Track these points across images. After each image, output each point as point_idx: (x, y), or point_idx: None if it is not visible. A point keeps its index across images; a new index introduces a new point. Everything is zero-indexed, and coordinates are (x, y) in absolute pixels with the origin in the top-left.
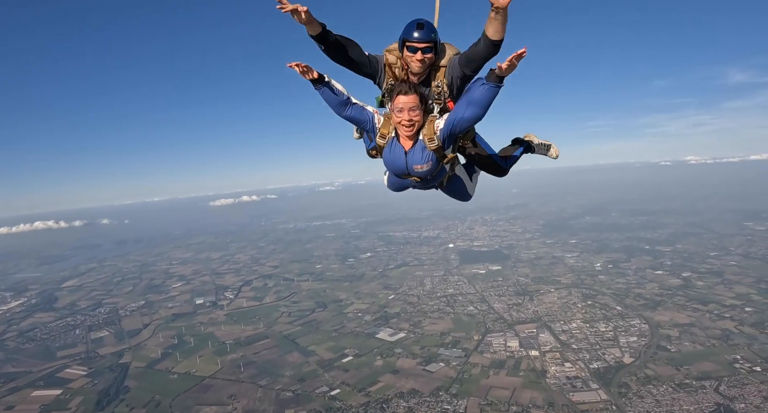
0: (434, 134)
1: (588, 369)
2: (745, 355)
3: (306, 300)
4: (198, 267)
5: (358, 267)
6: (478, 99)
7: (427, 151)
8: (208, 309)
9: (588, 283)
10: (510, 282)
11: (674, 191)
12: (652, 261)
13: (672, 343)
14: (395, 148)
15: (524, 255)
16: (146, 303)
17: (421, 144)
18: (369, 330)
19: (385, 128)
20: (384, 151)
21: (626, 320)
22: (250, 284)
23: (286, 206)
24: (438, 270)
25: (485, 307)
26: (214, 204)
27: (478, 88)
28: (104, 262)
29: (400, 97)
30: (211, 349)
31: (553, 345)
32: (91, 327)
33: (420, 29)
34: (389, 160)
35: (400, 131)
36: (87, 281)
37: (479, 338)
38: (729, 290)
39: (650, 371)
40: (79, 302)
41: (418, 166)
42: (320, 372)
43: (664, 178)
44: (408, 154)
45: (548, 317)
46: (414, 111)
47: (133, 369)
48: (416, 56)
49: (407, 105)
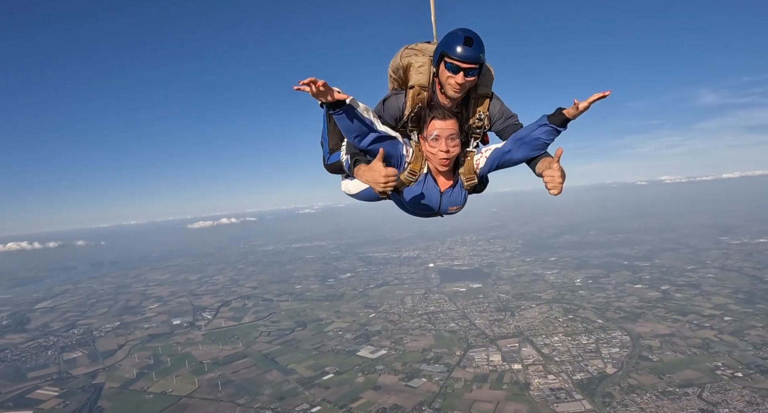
0: (474, 172)
1: (571, 380)
2: (726, 362)
3: (285, 320)
4: (175, 288)
5: (338, 287)
6: (533, 141)
7: (464, 190)
8: (185, 330)
9: (569, 298)
10: (491, 299)
11: (650, 209)
12: (631, 276)
13: (654, 353)
14: (428, 186)
15: (504, 273)
16: (122, 324)
17: (460, 183)
18: (350, 347)
19: (416, 163)
20: (410, 189)
21: (607, 332)
22: (228, 304)
23: (265, 229)
24: (419, 289)
25: (467, 323)
26: (192, 226)
27: (538, 128)
28: (79, 284)
29: (435, 123)
30: (189, 369)
31: (536, 358)
32: (64, 348)
33: (468, 45)
34: (416, 200)
35: (434, 165)
36: (61, 302)
37: (461, 353)
38: (707, 301)
39: (633, 380)
40: (51, 323)
41: (454, 208)
42: (300, 390)
43: (640, 197)
44: (444, 195)
45: (530, 331)
46: (452, 140)
47: (107, 390)
48: (457, 78)
49: (445, 132)
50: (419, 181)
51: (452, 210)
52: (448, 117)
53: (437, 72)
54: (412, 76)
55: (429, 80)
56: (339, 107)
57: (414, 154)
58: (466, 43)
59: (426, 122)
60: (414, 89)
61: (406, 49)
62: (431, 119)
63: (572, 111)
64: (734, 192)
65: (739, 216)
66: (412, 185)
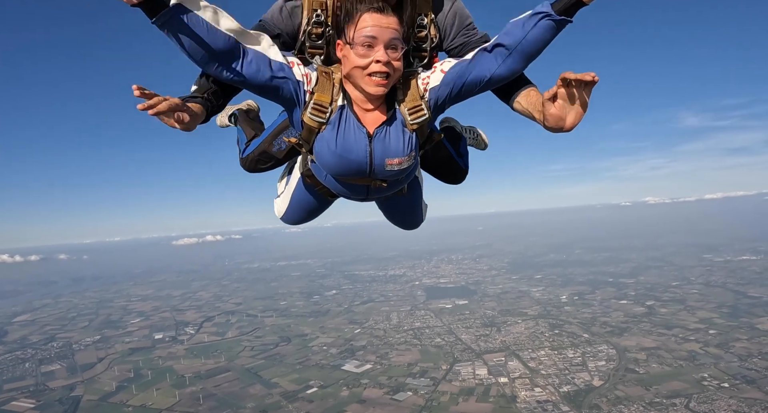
0: (421, 98)
1: (558, 392)
2: (712, 373)
3: (270, 335)
4: (158, 303)
5: (324, 304)
6: (532, 45)
7: (408, 132)
8: (167, 344)
9: (554, 314)
10: (477, 315)
11: (635, 229)
12: (616, 292)
13: (640, 366)
14: (349, 127)
15: (490, 290)
16: (102, 337)
17: (400, 118)
18: (334, 362)
19: (323, 92)
20: (322, 139)
21: (594, 346)
22: (212, 320)
23: (250, 246)
24: (404, 306)
25: (452, 339)
26: (177, 243)
27: (535, 25)
28: (59, 298)
29: (369, 18)
30: (170, 382)
31: (522, 371)
32: (42, 360)
33: None
34: (334, 154)
35: (364, 87)
36: (40, 316)
37: (447, 367)
38: (692, 315)
39: (620, 392)
40: (30, 336)
41: (395, 161)
42: (284, 403)
43: (624, 217)
44: (375, 139)
45: (516, 346)
46: (394, 50)
47: (85, 402)
48: None
49: (385, 33)
50: (332, 121)
51: (393, 165)
52: (388, 11)
53: None
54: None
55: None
56: (158, 11)
57: (318, 79)
58: None
59: (352, 20)
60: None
61: None
62: (361, 14)
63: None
64: (717, 212)
65: (722, 235)
66: (323, 130)
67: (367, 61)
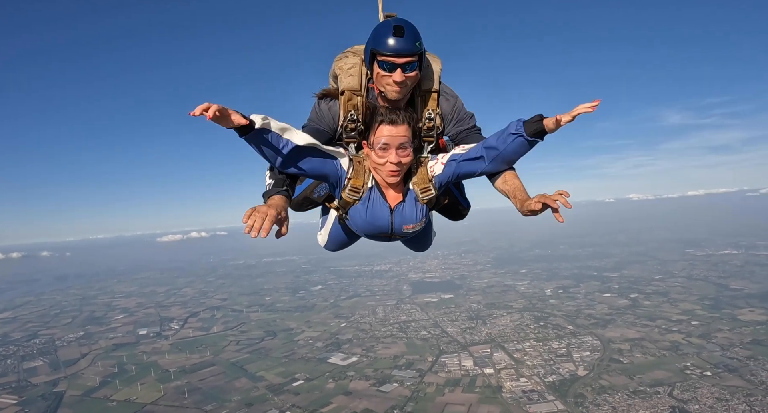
0: (429, 181)
1: (543, 382)
2: (695, 362)
3: (255, 330)
4: (142, 300)
5: (309, 299)
6: (509, 155)
7: (420, 204)
8: (151, 339)
9: (539, 307)
10: (463, 309)
11: (619, 225)
12: (600, 286)
13: (624, 356)
14: (375, 203)
15: (476, 284)
16: (86, 334)
17: (412, 196)
18: (320, 355)
19: (357, 178)
20: (355, 209)
21: (578, 337)
22: (197, 315)
23: (236, 243)
24: (390, 300)
25: (438, 331)
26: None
27: (513, 141)
28: (42, 296)
29: (384, 129)
30: (154, 377)
31: (508, 362)
32: (24, 357)
33: (398, 36)
34: (364, 222)
35: (382, 179)
36: (22, 313)
37: (433, 359)
38: (675, 307)
39: (604, 381)
40: (12, 333)
41: (410, 226)
42: (269, 396)
43: (608, 213)
44: (395, 212)
45: (501, 338)
46: (404, 149)
47: (68, 398)
48: (394, 76)
49: (396, 140)
50: (363, 199)
51: (408, 229)
52: (400, 122)
53: (372, 74)
54: (341, 80)
55: (361, 83)
56: (247, 132)
57: (354, 169)
58: (397, 33)
59: (373, 128)
60: (345, 95)
61: (342, 53)
62: (379, 124)
63: (551, 125)
64: (699, 208)
65: (704, 231)
66: (356, 204)
67: (383, 161)
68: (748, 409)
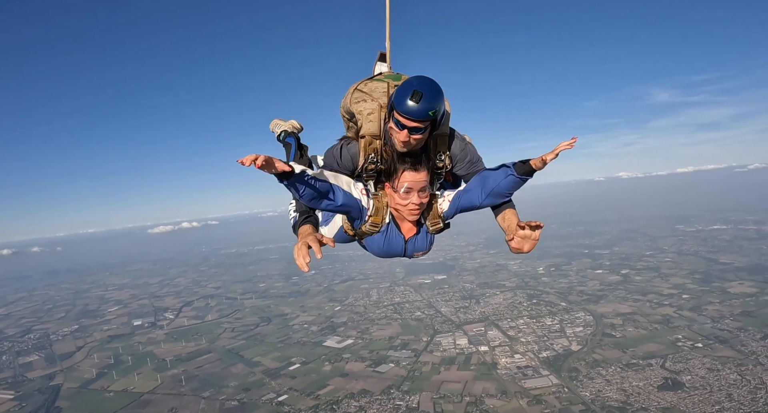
0: (438, 217)
1: (538, 358)
2: (686, 335)
3: (250, 316)
4: (135, 292)
5: (303, 284)
6: (502, 191)
7: (430, 235)
8: (146, 330)
9: (532, 285)
10: (456, 289)
11: (609, 203)
12: (591, 263)
13: (616, 330)
14: (391, 235)
15: (469, 265)
16: (80, 327)
17: (425, 229)
18: (316, 339)
19: (377, 216)
20: (372, 239)
21: (571, 314)
22: (191, 304)
23: (228, 232)
24: (384, 283)
25: (432, 312)
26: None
27: (504, 178)
28: (34, 291)
29: (407, 175)
30: (151, 366)
31: (502, 340)
32: (20, 352)
33: (414, 101)
34: (380, 249)
35: (404, 216)
36: (15, 309)
37: (428, 339)
38: (666, 282)
39: (598, 355)
40: (5, 330)
41: (420, 253)
42: (266, 381)
43: (598, 192)
44: (409, 242)
45: (495, 316)
46: (424, 192)
47: (66, 390)
48: (400, 135)
49: (417, 185)
50: (382, 231)
51: (418, 255)
52: (421, 168)
53: (388, 121)
54: (362, 124)
55: (380, 128)
56: (288, 177)
57: (374, 207)
58: (414, 97)
59: (397, 173)
60: (365, 139)
61: (355, 91)
62: (403, 171)
63: (539, 163)
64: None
65: (694, 207)
66: (374, 235)
67: (407, 202)
68: (739, 378)
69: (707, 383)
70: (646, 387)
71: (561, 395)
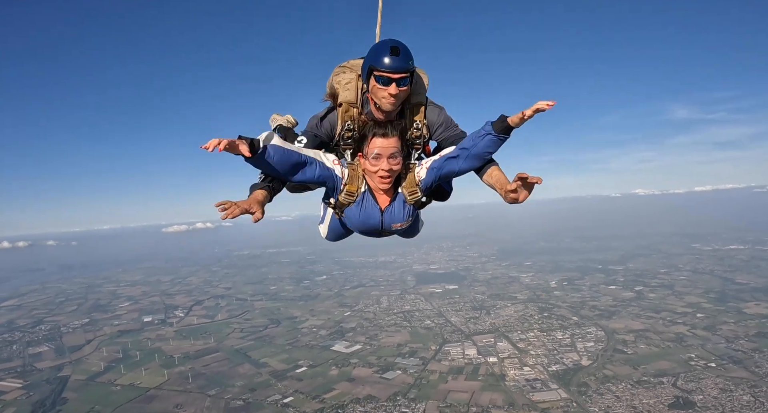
0: (416, 186)
1: (547, 371)
2: (699, 354)
3: (259, 318)
4: (147, 289)
5: (314, 289)
6: (481, 151)
7: (408, 205)
8: (156, 326)
9: (544, 298)
10: (467, 299)
11: (624, 219)
12: (605, 278)
13: (628, 346)
14: (367, 205)
15: (480, 276)
16: (91, 321)
17: (401, 198)
18: (324, 343)
19: (352, 185)
20: (350, 210)
21: (582, 328)
22: (201, 304)
23: (241, 234)
24: (394, 290)
25: (442, 321)
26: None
27: (482, 138)
28: (47, 284)
29: (377, 141)
30: (158, 362)
31: (512, 352)
32: (30, 343)
33: (394, 55)
34: (358, 221)
35: (374, 184)
36: (28, 301)
37: (436, 348)
38: (680, 300)
39: (608, 371)
40: (17, 320)
41: (398, 225)
42: (272, 382)
43: (614, 208)
44: (385, 213)
45: (505, 328)
46: (394, 158)
47: (73, 382)
48: (389, 89)
49: (387, 151)
50: (357, 201)
51: (396, 227)
52: (390, 134)
53: (368, 87)
54: (340, 93)
55: (357, 96)
56: (254, 155)
57: (349, 175)
58: (393, 52)
59: (367, 140)
60: (342, 107)
61: (338, 67)
62: (372, 136)
63: (516, 120)
64: (706, 203)
65: (711, 226)
66: (351, 205)
67: (376, 169)
68: (752, 400)
69: (719, 403)
70: (657, 405)
71: (569, 409)
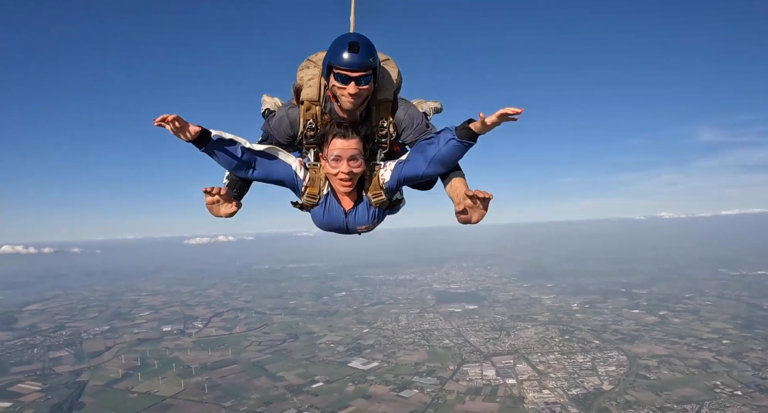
0: (380, 189)
1: (567, 395)
2: (724, 381)
3: (277, 332)
4: (168, 298)
5: (333, 304)
6: (445, 157)
7: (373, 208)
8: (175, 336)
9: (565, 321)
10: (486, 320)
11: (649, 242)
12: (628, 302)
13: (651, 372)
14: (331, 207)
15: (501, 297)
16: (111, 328)
17: (365, 201)
18: (341, 359)
19: (314, 187)
20: (314, 211)
21: (604, 352)
22: (220, 315)
23: (262, 248)
24: (414, 309)
25: (461, 341)
26: (189, 242)
27: (446, 143)
28: (70, 290)
29: (336, 142)
30: (176, 372)
31: (531, 374)
32: (50, 347)
33: (353, 51)
34: (323, 221)
35: (336, 186)
36: (51, 306)
37: (455, 368)
38: (705, 326)
39: (630, 397)
40: (39, 324)
41: (363, 226)
42: (288, 396)
43: (638, 231)
44: (349, 215)
45: (525, 349)
46: (355, 160)
47: (91, 387)
48: (348, 88)
49: (346, 152)
50: (321, 203)
51: (362, 229)
52: (351, 135)
53: (329, 85)
54: (303, 90)
55: (319, 94)
56: (204, 143)
57: (310, 178)
58: (351, 48)
59: (327, 140)
60: (304, 105)
61: (305, 60)
62: (332, 137)
63: (479, 125)
64: (733, 227)
65: (738, 250)
66: (315, 207)
67: (336, 171)
68: None
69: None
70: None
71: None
